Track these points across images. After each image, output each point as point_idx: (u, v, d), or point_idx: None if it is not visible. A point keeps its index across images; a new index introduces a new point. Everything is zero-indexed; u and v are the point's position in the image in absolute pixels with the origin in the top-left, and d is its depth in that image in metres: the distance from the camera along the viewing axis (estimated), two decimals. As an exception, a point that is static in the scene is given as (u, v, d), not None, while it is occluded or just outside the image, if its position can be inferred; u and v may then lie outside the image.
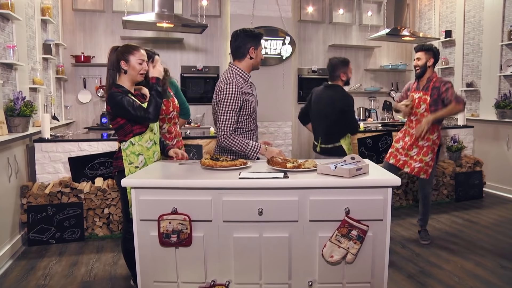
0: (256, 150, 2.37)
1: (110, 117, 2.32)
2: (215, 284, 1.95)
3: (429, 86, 3.29)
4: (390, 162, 3.45)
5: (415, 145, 3.33)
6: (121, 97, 2.20)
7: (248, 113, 2.46)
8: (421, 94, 3.32)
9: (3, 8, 3.23)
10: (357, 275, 1.94)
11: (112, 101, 2.23)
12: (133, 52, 2.29)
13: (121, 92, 2.24)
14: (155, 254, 1.94)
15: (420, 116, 3.32)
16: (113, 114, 2.28)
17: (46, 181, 3.70)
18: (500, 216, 4.18)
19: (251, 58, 2.46)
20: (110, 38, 5.58)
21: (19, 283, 2.74)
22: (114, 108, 2.24)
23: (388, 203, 1.91)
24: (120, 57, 2.28)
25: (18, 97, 3.36)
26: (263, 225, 1.91)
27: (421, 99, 3.31)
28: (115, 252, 3.27)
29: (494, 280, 2.74)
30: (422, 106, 3.30)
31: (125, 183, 1.92)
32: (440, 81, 3.28)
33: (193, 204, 1.90)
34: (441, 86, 3.23)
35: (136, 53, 2.29)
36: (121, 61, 2.28)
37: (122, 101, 2.20)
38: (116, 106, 2.22)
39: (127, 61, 2.28)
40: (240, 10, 5.41)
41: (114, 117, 2.29)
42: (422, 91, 3.32)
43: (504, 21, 5.11)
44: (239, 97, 2.36)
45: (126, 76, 2.31)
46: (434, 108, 3.25)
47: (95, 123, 5.57)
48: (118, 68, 2.30)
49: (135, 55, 2.29)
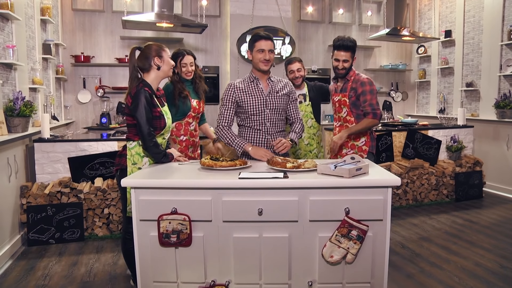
0: (241, 146, 2.52)
1: (128, 112, 2.34)
2: (215, 284, 1.95)
3: (347, 87, 2.96)
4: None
5: (339, 155, 2.98)
6: (146, 107, 2.26)
7: (247, 111, 2.57)
8: (340, 96, 2.99)
9: (3, 8, 3.23)
10: (357, 275, 1.94)
11: (136, 101, 2.26)
12: (164, 49, 2.43)
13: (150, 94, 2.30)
14: (154, 254, 1.94)
15: (344, 121, 3.02)
16: (131, 111, 2.31)
17: (45, 181, 3.70)
18: (500, 216, 4.18)
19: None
20: (110, 38, 5.58)
21: (18, 283, 2.74)
22: (134, 110, 2.27)
23: (388, 203, 1.91)
24: (153, 54, 2.36)
25: (18, 97, 3.35)
26: (263, 225, 1.91)
27: (341, 102, 2.99)
28: (115, 252, 3.27)
29: (494, 280, 2.74)
30: (343, 109, 2.98)
31: (125, 183, 1.92)
32: (356, 80, 2.92)
33: (193, 204, 1.90)
34: (357, 87, 2.89)
35: (167, 50, 2.44)
36: (155, 57, 2.36)
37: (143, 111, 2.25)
38: (137, 109, 2.26)
39: (161, 57, 2.37)
40: (239, 10, 5.41)
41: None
42: (340, 93, 2.99)
43: (504, 21, 5.11)
44: (231, 95, 2.58)
45: (159, 72, 2.39)
46: (355, 111, 2.95)
47: (95, 123, 5.57)
48: (148, 66, 2.36)
49: (166, 52, 2.42)
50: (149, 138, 2.26)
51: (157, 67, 2.37)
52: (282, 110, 2.64)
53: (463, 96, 5.89)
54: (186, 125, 3.13)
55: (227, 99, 2.59)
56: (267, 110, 2.58)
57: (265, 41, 2.51)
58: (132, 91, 2.30)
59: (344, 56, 2.87)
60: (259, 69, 2.56)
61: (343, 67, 2.90)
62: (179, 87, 3.06)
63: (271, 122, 2.60)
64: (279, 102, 2.61)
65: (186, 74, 3.09)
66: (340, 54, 2.88)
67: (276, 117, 2.61)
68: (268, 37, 2.53)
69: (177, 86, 3.06)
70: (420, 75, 6.79)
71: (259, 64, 2.53)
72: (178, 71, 3.08)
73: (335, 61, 2.92)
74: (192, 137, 3.18)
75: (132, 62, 2.36)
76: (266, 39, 2.51)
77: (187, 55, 3.06)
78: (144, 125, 2.25)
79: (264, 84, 2.61)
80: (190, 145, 3.18)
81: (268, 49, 2.51)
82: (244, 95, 2.57)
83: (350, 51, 2.87)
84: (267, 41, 2.51)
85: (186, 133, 3.13)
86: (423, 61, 6.83)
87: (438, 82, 6.45)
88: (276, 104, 2.59)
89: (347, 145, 3.00)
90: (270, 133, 2.61)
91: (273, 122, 2.61)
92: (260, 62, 2.53)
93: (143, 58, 2.36)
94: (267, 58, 2.50)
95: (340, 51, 2.88)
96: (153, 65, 2.36)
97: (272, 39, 2.55)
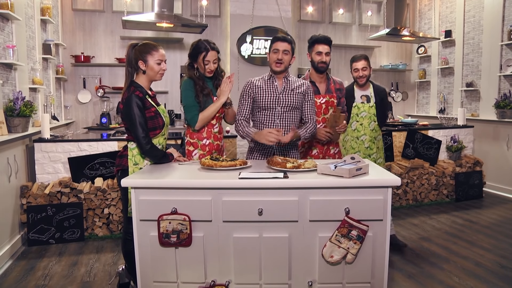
0: (249, 136, 2.58)
1: (123, 116, 2.31)
2: (215, 284, 1.95)
3: (331, 88, 2.96)
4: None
5: (327, 155, 2.96)
6: (138, 112, 2.21)
7: (259, 106, 2.65)
8: (328, 97, 2.93)
9: (3, 8, 3.23)
10: (357, 275, 1.95)
11: (127, 108, 2.22)
12: (151, 52, 2.27)
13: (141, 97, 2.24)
14: (155, 254, 1.94)
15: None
16: (124, 117, 2.29)
17: (46, 181, 3.70)
18: (500, 216, 4.18)
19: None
20: (110, 38, 5.58)
21: (18, 283, 2.74)
22: (126, 116, 2.25)
23: (388, 203, 1.91)
24: (138, 56, 2.27)
25: (18, 97, 3.36)
26: (263, 225, 1.91)
27: (328, 103, 2.93)
28: (115, 252, 3.27)
29: (494, 280, 2.74)
30: (330, 111, 2.94)
31: (125, 183, 1.92)
32: (335, 81, 3.00)
33: (193, 204, 1.90)
34: (341, 89, 3.00)
35: (155, 53, 2.28)
36: (139, 61, 2.27)
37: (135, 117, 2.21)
38: (129, 116, 2.22)
39: (145, 61, 2.27)
40: (240, 10, 5.41)
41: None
42: (327, 95, 2.93)
43: (504, 21, 5.11)
44: (248, 91, 2.67)
45: (145, 76, 2.32)
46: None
47: (95, 123, 5.57)
48: (136, 68, 2.30)
49: (153, 56, 2.28)
50: (144, 142, 2.24)
51: (142, 71, 2.31)
52: (294, 108, 2.63)
53: (463, 96, 5.89)
54: (209, 127, 2.72)
55: (244, 94, 2.68)
56: (279, 107, 2.61)
57: (280, 43, 2.59)
58: (123, 97, 2.28)
59: (327, 49, 2.85)
60: (272, 70, 2.65)
61: (325, 61, 2.86)
62: (200, 84, 2.64)
63: (282, 119, 2.62)
64: (293, 100, 2.61)
65: (208, 72, 2.66)
66: (323, 47, 2.84)
67: (287, 114, 2.62)
68: (284, 39, 2.61)
69: (198, 83, 2.64)
70: (420, 75, 6.80)
71: (272, 64, 2.62)
72: (199, 67, 2.66)
73: (317, 55, 2.86)
74: (216, 141, 2.77)
75: (127, 60, 2.33)
76: (282, 40, 2.60)
77: (211, 51, 2.61)
78: (138, 131, 2.22)
79: (279, 82, 2.66)
80: (215, 149, 2.75)
81: (283, 50, 2.57)
82: (260, 91, 2.65)
83: (329, 45, 2.88)
84: (283, 43, 2.59)
85: (210, 136, 2.73)
86: (423, 61, 6.84)
87: (438, 82, 6.45)
88: (289, 102, 2.61)
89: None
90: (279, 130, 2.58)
91: (283, 119, 2.62)
92: (273, 62, 2.61)
93: (132, 59, 2.30)
94: (280, 57, 2.57)
95: (321, 44, 2.85)
96: (138, 67, 2.30)
97: (288, 41, 2.61)
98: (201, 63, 2.62)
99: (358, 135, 3.26)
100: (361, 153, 3.27)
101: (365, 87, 3.29)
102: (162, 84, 5.63)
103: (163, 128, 2.37)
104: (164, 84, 5.68)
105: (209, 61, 2.61)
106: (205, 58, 2.60)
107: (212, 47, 2.61)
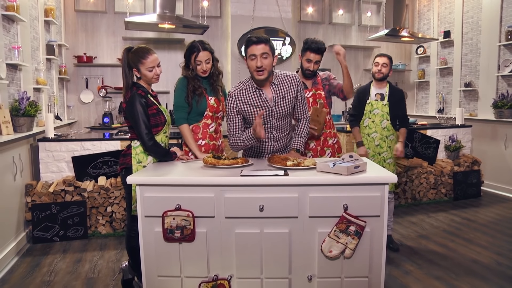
0: (249, 140, 2.36)
1: (126, 115, 2.40)
2: (217, 279, 2.00)
3: (318, 81, 3.03)
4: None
5: (326, 146, 3.05)
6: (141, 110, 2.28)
7: (251, 122, 2.40)
8: (314, 90, 2.99)
9: (9, 10, 3.29)
10: (355, 269, 2.00)
11: (131, 106, 2.30)
12: (141, 61, 2.32)
13: (143, 96, 2.32)
14: (159, 250, 2.00)
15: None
16: (127, 115, 2.37)
17: (50, 180, 3.76)
18: (497, 214, 4.23)
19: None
20: (112, 38, 5.63)
21: (25, 279, 2.80)
22: (129, 114, 2.33)
23: (385, 199, 1.96)
24: (131, 65, 2.36)
25: (23, 97, 3.41)
26: (264, 221, 1.97)
27: (315, 96, 2.99)
28: (118, 250, 3.33)
29: (491, 276, 2.80)
30: (318, 103, 2.99)
31: (130, 180, 1.98)
32: (321, 75, 3.07)
33: (196, 200, 1.95)
34: (327, 77, 3.06)
35: (145, 61, 2.32)
36: (132, 69, 2.37)
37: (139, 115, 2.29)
38: (132, 114, 2.30)
39: (138, 70, 2.36)
40: (240, 11, 5.47)
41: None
42: (313, 88, 3.00)
43: (502, 22, 5.16)
44: (234, 108, 2.41)
45: (142, 80, 2.41)
46: (330, 100, 3.09)
47: (97, 122, 5.63)
48: (131, 73, 2.39)
49: (144, 64, 2.33)
50: (147, 138, 2.31)
51: (138, 77, 2.41)
52: (289, 114, 2.49)
53: (462, 96, 5.95)
54: (204, 127, 2.70)
55: (231, 112, 2.42)
56: (274, 120, 2.43)
57: (255, 46, 2.21)
58: (126, 96, 2.36)
59: (317, 58, 2.88)
60: (254, 80, 2.33)
61: (313, 69, 2.92)
62: (193, 84, 2.64)
63: (277, 129, 2.48)
64: (286, 109, 2.42)
65: (201, 73, 2.66)
66: (314, 56, 2.88)
67: (282, 122, 2.47)
68: (260, 40, 2.21)
69: (191, 83, 2.64)
70: (419, 75, 6.85)
71: (253, 73, 2.29)
72: (193, 67, 2.67)
73: (307, 62, 2.90)
74: (212, 141, 2.74)
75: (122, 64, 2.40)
76: (257, 43, 2.21)
77: (202, 51, 2.60)
78: (141, 127, 2.30)
79: (268, 91, 2.38)
80: (211, 149, 2.72)
81: (261, 54, 2.20)
82: (248, 107, 2.37)
83: (321, 54, 2.90)
84: (258, 45, 2.20)
85: (205, 136, 2.71)
86: (422, 62, 6.89)
87: (437, 82, 6.50)
88: (283, 112, 2.42)
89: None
90: (276, 139, 2.51)
91: (279, 128, 2.48)
92: (253, 71, 2.27)
93: (126, 65, 2.37)
94: (259, 64, 2.21)
95: (313, 53, 2.87)
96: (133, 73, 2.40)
97: (265, 40, 2.22)
98: (193, 63, 2.64)
99: (369, 132, 3.28)
100: (371, 150, 3.27)
101: (382, 86, 3.31)
102: (162, 84, 5.68)
103: (164, 125, 2.43)
104: (165, 84, 5.73)
105: (201, 61, 2.62)
106: (197, 58, 2.61)
107: (204, 48, 2.62)
